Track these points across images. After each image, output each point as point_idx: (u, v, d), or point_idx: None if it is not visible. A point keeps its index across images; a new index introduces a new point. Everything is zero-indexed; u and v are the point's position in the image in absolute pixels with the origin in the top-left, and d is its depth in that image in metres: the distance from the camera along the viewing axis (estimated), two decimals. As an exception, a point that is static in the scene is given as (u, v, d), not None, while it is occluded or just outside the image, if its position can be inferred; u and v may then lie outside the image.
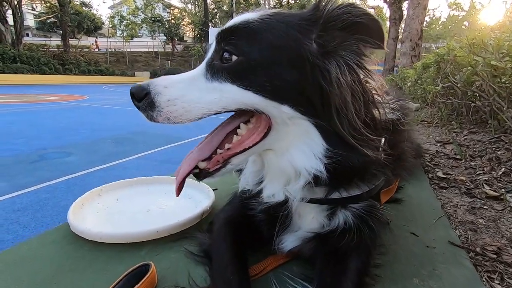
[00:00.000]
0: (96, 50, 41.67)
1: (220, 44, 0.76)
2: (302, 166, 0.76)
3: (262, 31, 0.73)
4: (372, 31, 0.73)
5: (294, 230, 0.93)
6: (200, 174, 0.80)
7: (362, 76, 0.76)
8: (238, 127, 0.81)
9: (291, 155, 0.77)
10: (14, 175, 3.87)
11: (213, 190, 1.44)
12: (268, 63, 0.72)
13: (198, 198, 1.42)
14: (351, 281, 0.80)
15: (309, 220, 0.90)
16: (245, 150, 0.78)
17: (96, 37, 43.02)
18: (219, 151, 0.80)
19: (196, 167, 0.79)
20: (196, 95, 0.74)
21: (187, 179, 0.80)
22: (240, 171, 0.99)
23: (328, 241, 0.86)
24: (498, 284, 0.96)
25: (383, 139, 0.84)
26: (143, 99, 0.74)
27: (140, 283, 0.81)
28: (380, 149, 0.81)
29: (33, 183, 3.63)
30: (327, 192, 0.82)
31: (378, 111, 0.79)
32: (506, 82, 2.17)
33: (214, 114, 0.75)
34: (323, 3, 0.74)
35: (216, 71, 0.75)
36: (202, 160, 0.79)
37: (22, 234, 2.59)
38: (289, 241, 0.92)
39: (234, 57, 0.73)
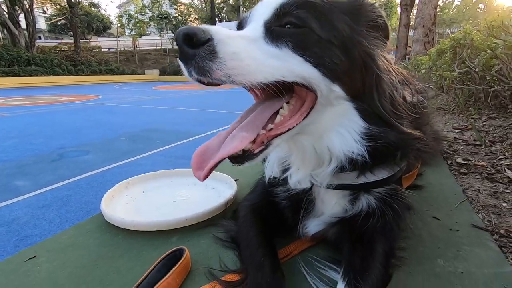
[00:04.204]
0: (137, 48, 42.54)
1: (285, 12, 0.72)
2: (339, 149, 0.78)
3: (325, 10, 0.74)
4: (384, 32, 0.82)
5: (318, 215, 0.96)
6: (243, 156, 0.70)
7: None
8: (281, 107, 0.76)
9: (329, 138, 0.79)
10: (36, 174, 4.02)
11: (235, 180, 1.48)
12: (329, 41, 0.72)
13: (221, 189, 1.46)
14: (379, 262, 0.81)
15: (331, 205, 0.93)
16: (288, 130, 0.74)
17: (140, 36, 44.06)
18: (261, 131, 0.73)
19: None
20: (260, 56, 0.67)
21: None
22: (263, 159, 1.01)
23: (352, 225, 0.89)
24: (525, 264, 0.97)
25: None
26: (202, 46, 0.60)
27: (176, 266, 0.85)
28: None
29: (55, 181, 3.76)
30: (355, 176, 0.83)
31: (410, 89, 0.85)
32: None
33: (271, 83, 0.67)
34: None
35: (276, 36, 0.70)
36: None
37: (48, 229, 2.71)
38: (312, 225, 0.95)
39: (298, 27, 0.71)
